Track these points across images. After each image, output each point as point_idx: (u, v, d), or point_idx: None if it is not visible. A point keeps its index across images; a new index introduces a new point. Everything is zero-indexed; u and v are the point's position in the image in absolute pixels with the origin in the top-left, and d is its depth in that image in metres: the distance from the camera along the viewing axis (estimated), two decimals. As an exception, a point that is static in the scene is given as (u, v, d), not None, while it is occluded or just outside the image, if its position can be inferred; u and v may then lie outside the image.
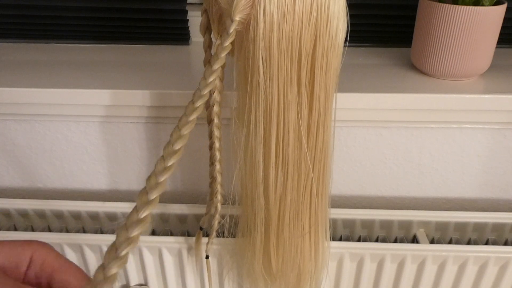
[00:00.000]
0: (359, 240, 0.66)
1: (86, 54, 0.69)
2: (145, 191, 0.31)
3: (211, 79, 0.37)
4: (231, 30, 0.36)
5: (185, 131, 0.34)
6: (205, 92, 0.36)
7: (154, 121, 0.63)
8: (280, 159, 0.42)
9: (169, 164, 0.33)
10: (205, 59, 0.45)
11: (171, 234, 0.68)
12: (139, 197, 0.31)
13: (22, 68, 0.63)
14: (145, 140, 0.65)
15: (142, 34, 0.72)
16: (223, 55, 0.37)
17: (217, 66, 0.37)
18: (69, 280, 0.29)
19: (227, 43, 0.36)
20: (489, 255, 0.57)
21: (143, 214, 0.29)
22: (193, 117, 0.35)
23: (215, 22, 0.41)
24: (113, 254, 0.27)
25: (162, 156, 0.33)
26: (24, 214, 0.67)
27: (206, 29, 0.43)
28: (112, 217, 0.67)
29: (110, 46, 0.73)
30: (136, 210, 0.30)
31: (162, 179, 0.32)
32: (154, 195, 0.31)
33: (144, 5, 0.68)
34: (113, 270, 0.27)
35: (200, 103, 0.36)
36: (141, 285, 0.64)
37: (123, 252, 0.27)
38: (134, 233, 0.28)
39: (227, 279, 0.62)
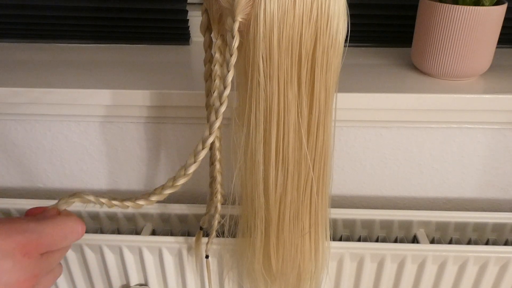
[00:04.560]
0: (359, 240, 0.66)
1: (86, 54, 0.69)
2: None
3: (224, 97, 0.39)
4: (235, 31, 0.36)
5: (199, 157, 0.42)
6: (221, 112, 0.40)
7: (154, 121, 0.63)
8: (280, 158, 0.42)
9: (177, 183, 0.43)
10: (205, 58, 0.45)
11: (171, 234, 0.68)
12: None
13: (22, 68, 0.63)
14: (145, 140, 0.65)
15: (142, 34, 0.72)
16: (232, 64, 0.38)
17: (230, 78, 0.38)
18: None
19: (234, 48, 0.37)
20: (490, 255, 0.57)
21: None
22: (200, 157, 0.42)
23: (216, 22, 0.41)
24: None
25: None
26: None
27: (207, 28, 0.43)
28: (112, 217, 0.67)
29: (110, 46, 0.73)
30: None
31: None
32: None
33: (144, 5, 0.68)
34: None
35: (216, 125, 0.40)
36: (141, 285, 0.64)
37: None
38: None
39: (227, 279, 0.62)
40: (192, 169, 0.42)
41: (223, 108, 0.39)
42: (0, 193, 0.72)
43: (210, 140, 0.41)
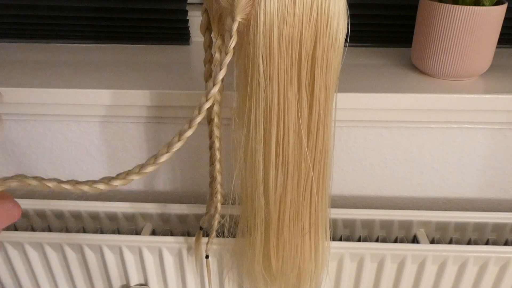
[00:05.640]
0: (359, 240, 0.66)
1: (86, 54, 0.69)
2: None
3: (211, 94, 0.38)
4: (233, 31, 0.36)
5: (173, 148, 0.40)
6: (204, 109, 0.39)
7: (154, 121, 0.63)
8: (280, 159, 0.42)
9: (145, 170, 0.40)
10: (205, 58, 0.45)
11: (171, 234, 0.68)
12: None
13: (22, 68, 0.63)
14: (145, 140, 0.65)
15: (142, 34, 0.72)
16: (226, 62, 0.37)
17: (221, 76, 0.38)
18: None
19: (230, 48, 0.37)
20: (489, 255, 0.57)
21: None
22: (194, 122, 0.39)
23: (216, 22, 0.41)
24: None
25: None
26: (24, 214, 0.67)
27: (207, 28, 0.43)
28: (112, 217, 0.67)
29: (110, 46, 0.73)
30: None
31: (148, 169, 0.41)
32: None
33: (144, 5, 0.68)
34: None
35: (197, 120, 0.39)
36: (141, 285, 0.64)
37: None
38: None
39: (227, 279, 0.62)
40: (163, 159, 0.40)
41: (207, 105, 0.39)
42: (0, 193, 0.72)
43: (188, 134, 0.39)
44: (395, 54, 0.69)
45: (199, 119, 0.39)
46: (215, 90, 0.38)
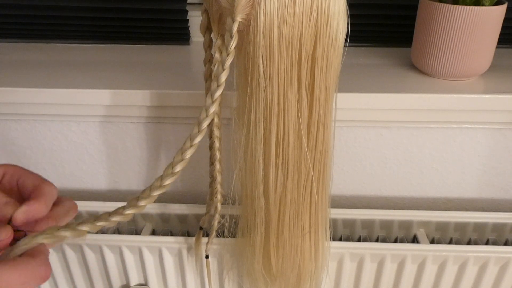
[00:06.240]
0: (359, 240, 0.66)
1: (86, 54, 0.69)
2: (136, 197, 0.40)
3: (216, 96, 0.38)
4: (234, 32, 0.36)
5: (187, 155, 0.39)
6: (212, 111, 0.39)
7: (154, 121, 0.63)
8: (280, 158, 0.42)
9: (166, 183, 0.39)
10: (205, 58, 0.45)
11: (171, 234, 0.68)
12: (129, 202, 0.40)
13: (22, 68, 0.63)
14: (145, 140, 0.65)
15: (142, 34, 0.72)
16: (228, 63, 0.37)
17: (224, 77, 0.38)
18: (27, 182, 0.39)
19: (231, 48, 0.37)
20: (489, 255, 0.57)
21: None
22: (196, 140, 0.39)
23: (216, 22, 0.41)
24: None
25: (161, 176, 0.40)
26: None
27: (207, 28, 0.43)
28: (112, 217, 0.67)
29: (110, 46, 0.73)
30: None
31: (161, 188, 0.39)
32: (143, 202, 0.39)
33: (144, 5, 0.68)
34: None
35: (205, 124, 0.39)
36: (141, 285, 0.64)
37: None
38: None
39: (227, 279, 0.62)
40: (179, 167, 0.39)
41: (213, 108, 0.39)
42: (0, 193, 0.72)
43: (199, 138, 0.39)
44: (395, 54, 0.69)
45: (207, 122, 0.39)
46: (219, 92, 0.38)
